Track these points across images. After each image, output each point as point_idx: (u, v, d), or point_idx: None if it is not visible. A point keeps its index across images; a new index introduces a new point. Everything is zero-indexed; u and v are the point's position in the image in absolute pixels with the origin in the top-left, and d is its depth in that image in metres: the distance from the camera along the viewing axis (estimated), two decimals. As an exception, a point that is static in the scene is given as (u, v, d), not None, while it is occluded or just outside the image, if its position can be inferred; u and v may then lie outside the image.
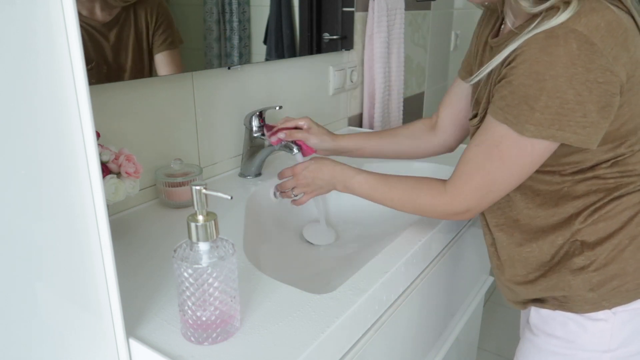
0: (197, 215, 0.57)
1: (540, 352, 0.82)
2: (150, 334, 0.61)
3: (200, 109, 1.06)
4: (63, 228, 0.51)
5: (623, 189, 0.73)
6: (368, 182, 0.86)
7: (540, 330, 0.82)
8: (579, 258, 0.74)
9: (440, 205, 0.77)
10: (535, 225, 0.78)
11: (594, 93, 0.62)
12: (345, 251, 1.03)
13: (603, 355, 0.76)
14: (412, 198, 0.81)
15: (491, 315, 1.20)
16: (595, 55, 0.61)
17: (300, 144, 1.00)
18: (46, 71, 0.46)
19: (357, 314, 0.67)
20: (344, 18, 1.43)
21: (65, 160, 0.49)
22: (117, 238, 0.80)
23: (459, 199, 0.75)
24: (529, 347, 0.85)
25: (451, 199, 0.76)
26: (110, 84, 0.87)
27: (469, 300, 1.24)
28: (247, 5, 1.10)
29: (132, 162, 0.82)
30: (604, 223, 0.73)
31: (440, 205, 0.78)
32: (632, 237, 0.73)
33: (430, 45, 2.05)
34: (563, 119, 0.63)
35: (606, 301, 0.74)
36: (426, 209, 0.80)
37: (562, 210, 0.75)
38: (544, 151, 0.68)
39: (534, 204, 0.77)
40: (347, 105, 1.58)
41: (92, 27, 0.82)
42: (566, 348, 0.78)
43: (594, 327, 0.76)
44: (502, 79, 0.68)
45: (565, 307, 0.77)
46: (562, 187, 0.74)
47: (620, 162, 0.72)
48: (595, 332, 0.76)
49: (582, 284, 0.74)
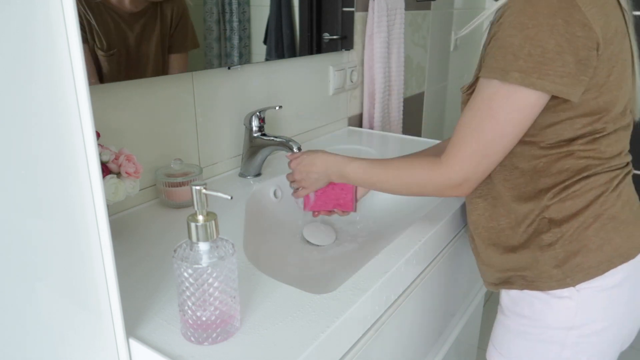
0: (197, 215, 0.57)
1: (510, 332, 0.85)
2: (150, 334, 0.61)
3: (200, 109, 1.06)
4: (63, 228, 0.51)
5: (592, 169, 0.75)
6: (362, 167, 0.87)
7: (510, 311, 0.84)
8: (547, 235, 0.77)
9: (437, 177, 0.77)
10: (509, 198, 0.80)
11: (572, 45, 0.65)
12: (345, 251, 1.03)
13: (569, 332, 0.78)
14: (407, 174, 0.81)
15: (491, 315, 1.20)
16: (574, 9, 0.65)
17: None
18: (46, 71, 0.46)
19: (357, 314, 0.67)
20: (344, 18, 1.43)
21: (65, 160, 0.49)
22: (117, 238, 0.80)
23: (455, 168, 0.75)
24: (500, 328, 0.87)
25: (448, 168, 0.75)
26: (110, 83, 0.87)
27: (469, 300, 1.24)
28: (247, 5, 1.10)
29: (132, 162, 0.82)
30: (571, 201, 0.76)
31: (436, 178, 0.77)
32: (596, 216, 0.75)
33: (430, 45, 2.05)
34: (543, 67, 0.66)
35: (570, 278, 0.76)
36: (423, 184, 0.80)
37: (535, 186, 0.77)
38: (533, 105, 0.69)
39: (511, 176, 0.79)
40: (347, 105, 1.58)
41: (119, 16, 0.84)
42: (533, 327, 0.81)
43: (559, 304, 0.78)
44: (492, 38, 0.71)
45: (532, 285, 0.79)
46: (539, 163, 0.76)
47: (595, 141, 0.74)
48: (560, 310, 0.78)
49: (549, 260, 0.77)
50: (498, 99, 0.70)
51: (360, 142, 1.46)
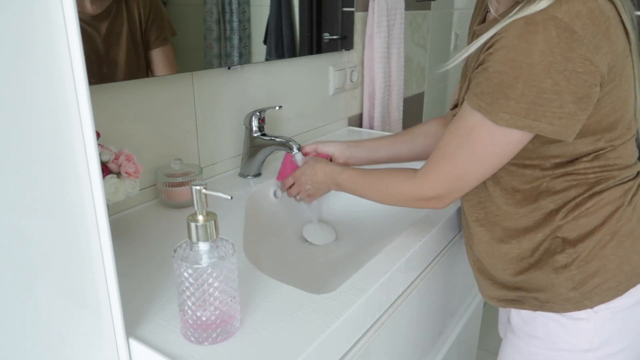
0: (197, 215, 0.57)
1: (522, 353, 0.81)
2: (150, 333, 0.61)
3: (200, 109, 1.06)
4: (63, 228, 0.50)
5: (603, 183, 0.72)
6: (351, 177, 0.89)
7: (521, 331, 0.81)
8: (561, 255, 0.73)
9: (409, 191, 0.78)
10: (516, 221, 0.77)
11: (572, 83, 0.60)
12: (345, 251, 1.03)
13: (586, 354, 0.75)
14: (384, 185, 0.83)
15: (491, 315, 1.20)
16: (575, 43, 0.59)
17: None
18: (46, 71, 0.46)
19: (357, 314, 0.67)
20: (344, 18, 1.42)
21: (65, 160, 0.49)
22: (117, 238, 0.80)
23: (427, 185, 0.75)
24: (510, 349, 0.84)
25: (420, 184, 0.76)
26: (110, 84, 0.87)
27: (469, 300, 1.24)
28: (247, 5, 1.10)
29: (132, 162, 0.82)
30: (585, 219, 0.72)
31: (408, 191, 0.78)
32: (613, 233, 0.72)
33: (430, 45, 2.05)
34: (539, 109, 0.62)
35: (588, 300, 0.73)
36: (396, 196, 0.81)
37: (543, 206, 0.74)
38: (517, 142, 0.66)
39: (513, 199, 0.76)
40: (347, 105, 1.58)
41: (82, 20, 0.80)
42: (548, 349, 0.77)
43: (576, 326, 0.74)
44: (479, 64, 0.67)
45: (546, 307, 0.76)
46: (542, 183, 0.73)
47: (601, 156, 0.71)
48: (577, 332, 0.74)
49: (565, 282, 0.73)
50: (480, 131, 0.67)
51: (360, 142, 1.46)
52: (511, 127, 0.64)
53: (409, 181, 0.78)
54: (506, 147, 0.67)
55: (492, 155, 0.68)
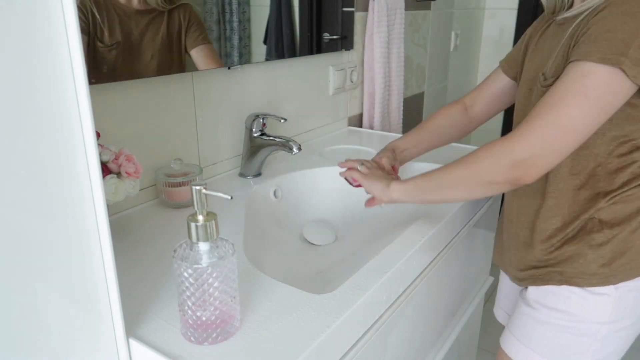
0: (197, 215, 0.57)
1: (541, 324, 0.86)
2: (150, 333, 0.61)
3: (200, 109, 1.06)
4: (63, 228, 0.51)
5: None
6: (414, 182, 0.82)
7: (539, 304, 0.86)
8: (599, 235, 0.79)
9: (501, 154, 0.70)
10: (569, 194, 0.80)
11: None
12: (345, 251, 1.03)
13: (602, 326, 0.81)
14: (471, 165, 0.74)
15: (491, 315, 1.21)
16: None
17: None
18: (46, 71, 0.46)
19: (357, 313, 0.67)
20: (344, 18, 1.42)
21: (65, 160, 0.49)
22: (117, 238, 0.80)
23: (524, 140, 0.68)
24: (527, 320, 0.88)
25: (515, 142, 0.69)
26: (110, 84, 0.87)
27: (469, 300, 1.24)
28: (247, 5, 1.10)
29: (132, 162, 0.82)
30: (622, 205, 0.78)
31: (500, 155, 0.70)
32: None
33: (430, 45, 2.05)
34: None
35: (614, 277, 0.79)
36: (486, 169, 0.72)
37: (596, 187, 0.79)
38: (623, 95, 0.68)
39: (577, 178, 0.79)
40: (347, 105, 1.58)
41: (124, 12, 0.86)
42: (568, 320, 0.83)
43: (597, 300, 0.81)
44: (588, 29, 0.69)
45: (571, 281, 0.82)
46: (607, 162, 0.77)
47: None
48: (598, 305, 0.81)
49: (597, 259, 0.79)
50: (594, 78, 0.66)
51: (360, 142, 1.46)
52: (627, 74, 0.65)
53: (502, 144, 0.70)
54: (617, 96, 0.67)
55: (601, 103, 0.67)
